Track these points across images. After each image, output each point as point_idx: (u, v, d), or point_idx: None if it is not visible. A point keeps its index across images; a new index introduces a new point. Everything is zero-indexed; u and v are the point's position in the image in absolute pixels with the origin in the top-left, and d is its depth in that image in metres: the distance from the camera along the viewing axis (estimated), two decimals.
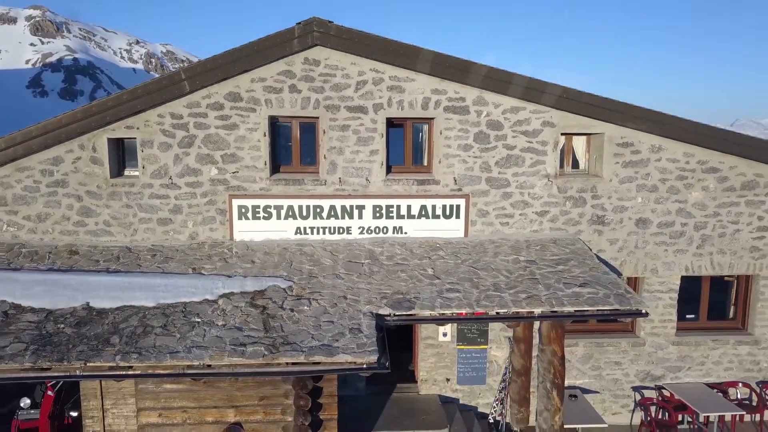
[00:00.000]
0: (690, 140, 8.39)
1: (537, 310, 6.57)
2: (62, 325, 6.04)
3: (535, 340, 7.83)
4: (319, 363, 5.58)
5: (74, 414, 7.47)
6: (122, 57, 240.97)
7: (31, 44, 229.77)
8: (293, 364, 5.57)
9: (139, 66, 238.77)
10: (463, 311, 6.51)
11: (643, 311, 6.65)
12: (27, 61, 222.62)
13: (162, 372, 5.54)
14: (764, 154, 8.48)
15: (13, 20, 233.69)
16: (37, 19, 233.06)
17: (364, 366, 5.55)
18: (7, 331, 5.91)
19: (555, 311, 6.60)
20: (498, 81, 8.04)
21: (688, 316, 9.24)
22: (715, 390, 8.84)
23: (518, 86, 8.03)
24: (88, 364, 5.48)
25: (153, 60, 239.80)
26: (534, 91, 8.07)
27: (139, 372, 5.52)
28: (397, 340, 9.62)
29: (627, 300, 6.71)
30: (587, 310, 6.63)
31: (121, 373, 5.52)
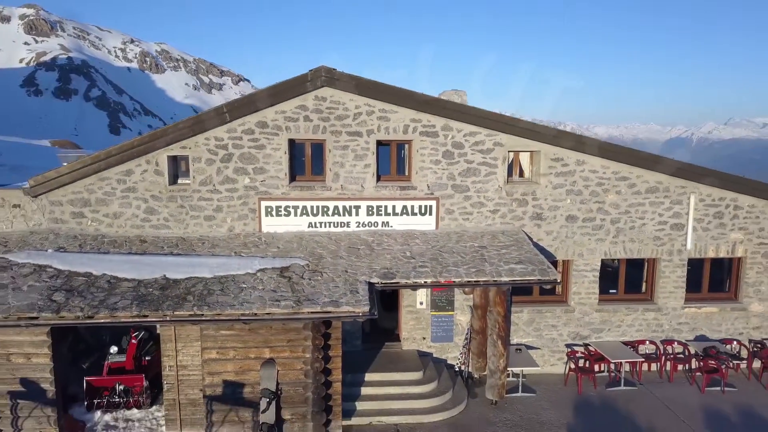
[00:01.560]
0: (605, 156, 11.26)
1: (482, 279, 9.41)
2: (151, 289, 8.84)
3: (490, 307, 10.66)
4: (329, 312, 8.42)
5: (148, 358, 10.28)
6: (117, 56, 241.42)
7: (25, 43, 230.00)
8: (312, 312, 8.39)
9: (134, 65, 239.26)
10: (430, 280, 9.35)
11: (558, 280, 9.51)
12: (21, 60, 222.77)
13: (223, 318, 8.35)
14: (662, 167, 11.35)
15: (6, 19, 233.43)
16: (31, 17, 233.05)
17: (360, 314, 8.38)
18: (114, 293, 8.70)
19: (495, 280, 9.45)
20: (460, 112, 10.90)
21: (611, 291, 12.12)
22: (629, 346, 11.71)
23: (474, 116, 10.89)
24: (174, 313, 8.29)
25: (148, 59, 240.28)
26: (486, 119, 10.92)
27: (208, 318, 8.33)
28: (386, 312, 12.41)
29: (547, 273, 9.56)
30: (518, 280, 9.48)
31: (197, 318, 8.32)
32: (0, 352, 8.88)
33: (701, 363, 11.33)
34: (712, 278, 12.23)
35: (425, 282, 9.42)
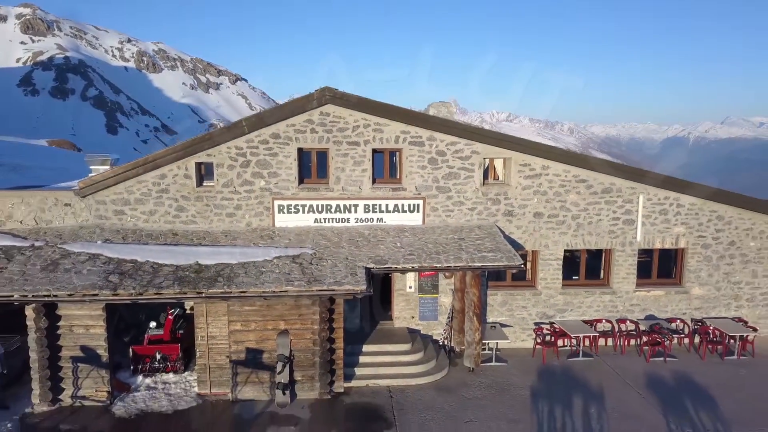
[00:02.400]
0: (566, 162, 13.35)
1: (459, 265, 11.49)
2: (187, 272, 10.89)
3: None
4: (333, 290, 10.49)
5: (181, 331, 12.32)
6: (114, 55, 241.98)
7: (22, 42, 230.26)
8: (319, 290, 10.46)
9: (131, 64, 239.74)
10: (416, 265, 11.42)
11: (522, 265, 11.59)
12: (18, 60, 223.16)
13: (248, 295, 10.41)
14: (615, 170, 13.45)
15: (3, 18, 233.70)
16: (28, 17, 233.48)
17: (358, 291, 10.46)
18: (158, 276, 10.74)
19: (470, 265, 11.53)
20: (443, 125, 12.98)
21: (574, 277, 14.23)
22: (588, 324, 13.81)
23: (455, 128, 12.97)
24: (209, 291, 10.35)
25: (145, 58, 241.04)
26: (465, 131, 13.01)
27: (235, 295, 10.38)
28: (381, 295, 14.45)
29: (513, 259, 11.65)
30: (489, 265, 11.56)
31: (226, 294, 10.38)
32: (64, 324, 10.93)
33: (648, 338, 13.44)
34: (660, 266, 14.35)
35: (413, 267, 11.51)
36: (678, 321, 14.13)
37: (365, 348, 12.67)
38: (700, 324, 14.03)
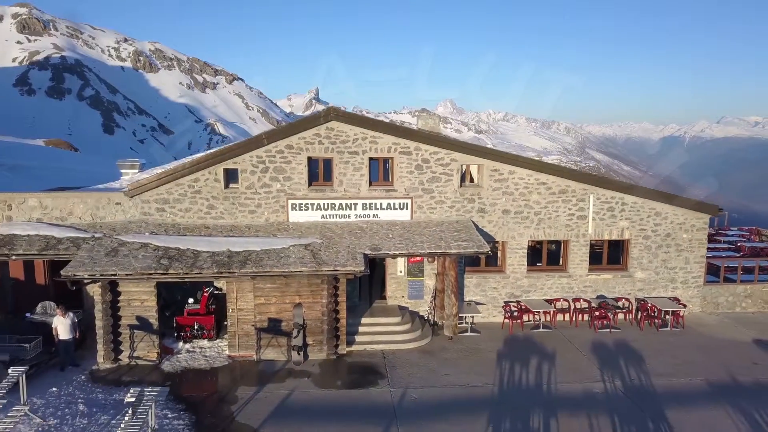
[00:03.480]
0: (529, 168, 16.34)
1: (438, 251, 14.46)
2: (222, 257, 13.82)
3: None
4: (338, 270, 13.45)
5: (213, 306, 15.24)
6: (110, 55, 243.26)
7: (18, 42, 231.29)
8: (327, 270, 13.42)
9: (128, 64, 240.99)
10: (405, 252, 14.38)
11: (489, 251, 14.56)
12: (14, 60, 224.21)
13: (271, 273, 13.35)
14: (569, 175, 16.43)
15: None
16: (24, 16, 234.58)
17: (358, 271, 13.42)
18: (199, 259, 13.66)
19: (447, 252, 14.50)
20: (427, 138, 15.94)
21: (537, 263, 17.21)
22: (549, 302, 16.79)
23: (437, 141, 15.94)
24: (241, 270, 13.28)
25: (141, 58, 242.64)
26: (445, 143, 15.98)
27: (261, 273, 13.32)
28: (377, 278, 17.37)
29: (482, 247, 14.62)
30: (462, 252, 14.53)
31: (255, 273, 13.31)
32: (124, 298, 13.85)
33: (597, 313, 16.44)
34: (608, 254, 17.36)
35: (402, 253, 14.48)
36: (623, 300, 17.14)
37: (363, 320, 15.63)
38: (641, 302, 17.04)
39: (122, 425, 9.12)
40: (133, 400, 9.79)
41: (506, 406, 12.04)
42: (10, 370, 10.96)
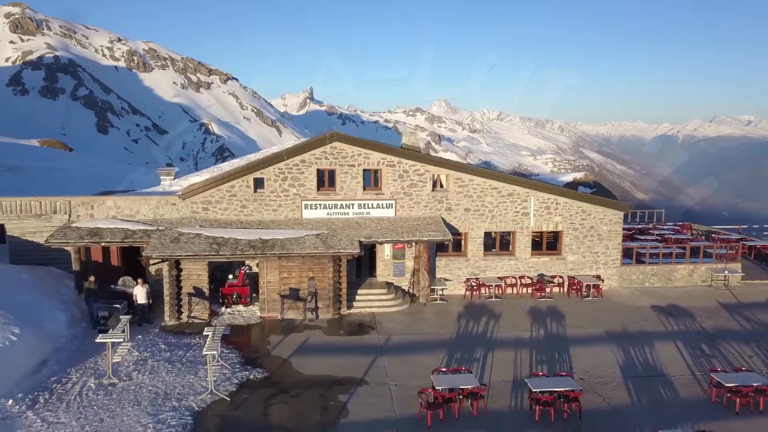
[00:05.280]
0: (484, 176, 21.98)
1: (414, 239, 20.07)
2: (256, 243, 19.35)
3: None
4: (341, 252, 19.06)
5: (247, 281, 20.73)
6: (104, 54, 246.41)
7: (11, 42, 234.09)
8: (333, 252, 19.02)
9: (121, 64, 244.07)
10: (390, 239, 19.98)
11: (451, 239, 20.19)
12: (7, 59, 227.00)
13: (293, 254, 18.92)
14: (515, 181, 22.07)
15: None
16: (17, 16, 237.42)
17: (355, 253, 19.03)
18: (239, 245, 19.19)
19: (420, 239, 20.12)
20: (407, 155, 21.54)
21: (492, 249, 22.86)
22: (500, 279, 22.42)
23: (415, 156, 21.55)
24: (270, 252, 18.85)
25: (135, 57, 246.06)
26: (421, 158, 21.59)
27: (285, 254, 18.86)
28: (369, 261, 22.90)
29: (446, 235, 20.27)
30: (432, 239, 20.15)
31: (281, 254, 18.86)
32: (185, 273, 19.35)
33: (536, 286, 22.07)
34: (547, 242, 23.00)
35: (388, 240, 20.07)
36: (558, 277, 22.81)
37: (359, 291, 21.19)
38: (571, 278, 22.69)
39: (206, 345, 14.56)
40: (210, 333, 15.23)
41: (459, 345, 17.64)
42: (121, 318, 16.38)
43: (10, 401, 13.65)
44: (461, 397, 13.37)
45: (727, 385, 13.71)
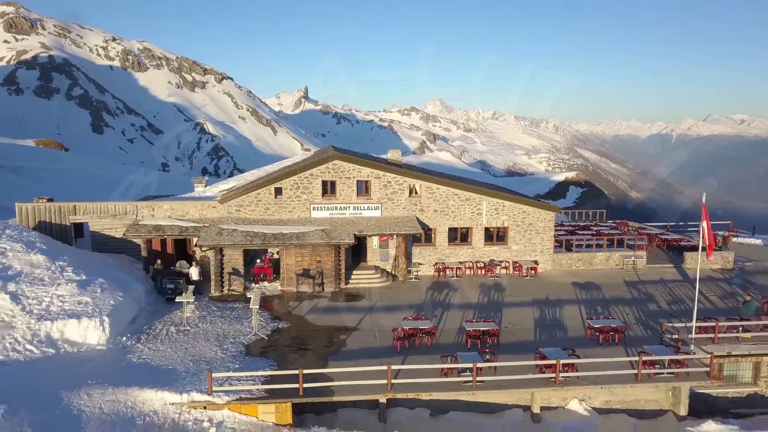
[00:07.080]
0: (448, 185, 29.90)
1: (394, 232, 27.96)
2: (279, 235, 27.15)
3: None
4: (340, 242, 26.95)
5: (271, 264, 28.47)
6: (98, 54, 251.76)
7: (5, 41, 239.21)
8: (335, 242, 26.88)
9: (116, 63, 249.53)
10: (378, 233, 27.85)
11: (422, 233, 28.09)
12: (1, 59, 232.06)
13: (305, 243, 26.74)
14: (470, 188, 29.97)
15: None
16: (11, 15, 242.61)
17: (351, 242, 26.89)
18: (266, 237, 27.00)
19: (399, 233, 28.02)
20: (390, 168, 29.43)
21: (455, 240, 30.78)
22: (460, 263, 30.31)
23: (396, 170, 29.44)
24: (289, 242, 26.67)
25: (130, 57, 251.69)
26: (401, 171, 29.47)
27: (299, 243, 26.68)
28: (361, 249, 30.68)
29: (418, 230, 28.17)
30: (409, 233, 28.05)
31: (298, 243, 26.68)
32: (226, 258, 27.15)
33: (486, 268, 29.96)
34: (496, 235, 30.91)
35: (375, 233, 27.95)
36: (504, 261, 30.72)
37: (354, 272, 29.04)
38: (515, 263, 30.60)
39: (251, 302, 22.27)
40: (252, 296, 22.93)
41: (425, 307, 25.54)
42: (189, 287, 24.07)
43: (124, 338, 21.39)
44: (421, 334, 21.20)
45: (594, 326, 21.63)
